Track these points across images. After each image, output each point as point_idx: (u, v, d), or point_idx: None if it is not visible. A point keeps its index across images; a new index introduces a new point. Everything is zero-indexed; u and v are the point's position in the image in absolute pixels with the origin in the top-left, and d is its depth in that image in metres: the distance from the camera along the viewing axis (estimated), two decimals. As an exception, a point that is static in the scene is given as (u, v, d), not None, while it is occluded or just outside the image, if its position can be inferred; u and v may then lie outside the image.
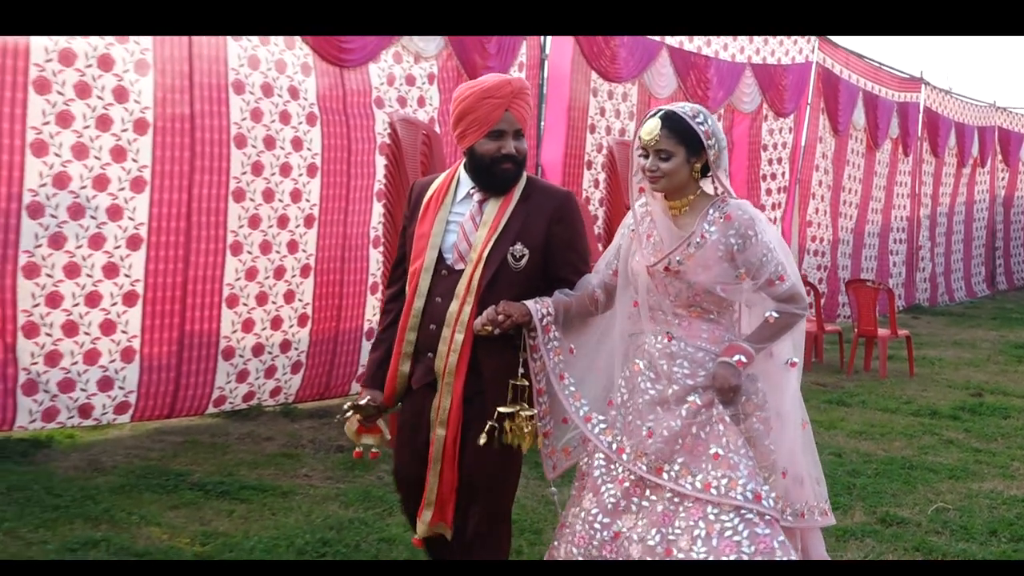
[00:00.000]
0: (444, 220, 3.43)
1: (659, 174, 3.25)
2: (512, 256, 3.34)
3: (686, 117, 3.24)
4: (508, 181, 3.39)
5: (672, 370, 3.29)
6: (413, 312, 3.41)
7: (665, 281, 3.30)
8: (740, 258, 3.24)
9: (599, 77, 9.18)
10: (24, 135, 5.69)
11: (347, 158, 7.15)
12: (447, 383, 3.33)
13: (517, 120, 3.37)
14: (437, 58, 7.69)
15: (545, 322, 3.31)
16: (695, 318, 3.32)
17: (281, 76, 6.78)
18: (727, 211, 3.27)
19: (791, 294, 3.27)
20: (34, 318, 5.84)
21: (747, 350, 3.25)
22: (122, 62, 6.01)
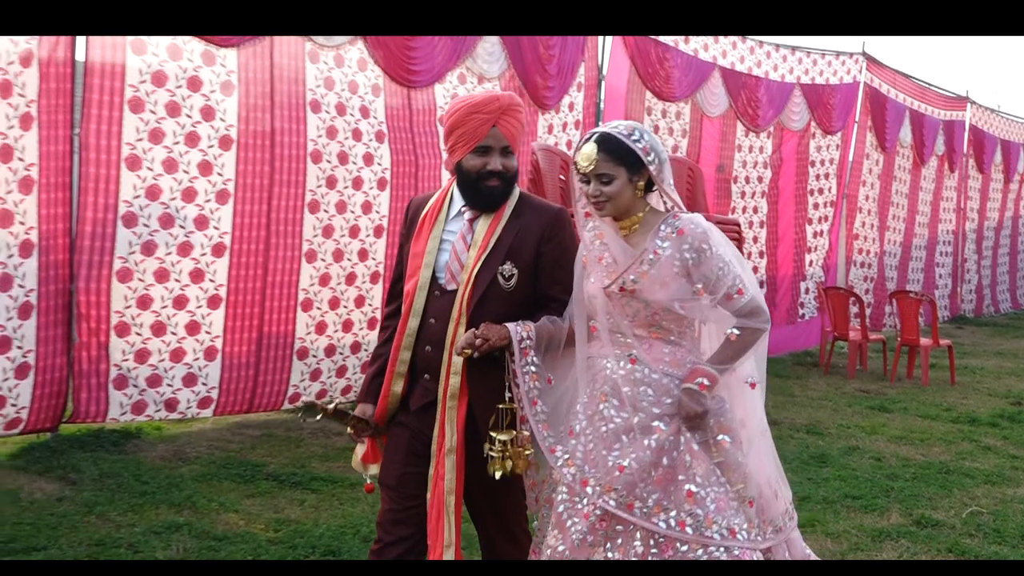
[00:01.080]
0: (438, 238, 3.20)
1: (603, 198, 3.01)
2: (502, 276, 3.13)
3: (621, 137, 2.99)
4: (495, 198, 3.15)
5: (637, 397, 3.02)
6: (407, 332, 3.18)
7: (622, 302, 3.05)
8: (696, 273, 2.99)
9: (653, 96, 9.23)
10: (120, 151, 5.90)
11: (414, 172, 7.27)
12: (450, 407, 3.10)
13: (505, 137, 3.12)
14: (500, 79, 7.79)
15: (524, 345, 3.07)
16: (656, 340, 3.06)
17: (353, 96, 6.93)
18: (679, 225, 3.03)
19: (751, 308, 3.02)
20: (126, 318, 6.04)
21: (710, 372, 2.99)
22: (209, 83, 6.20)
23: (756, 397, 3.14)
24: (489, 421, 3.06)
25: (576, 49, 8.38)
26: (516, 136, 3.16)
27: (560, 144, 8.32)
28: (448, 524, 3.08)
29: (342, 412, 3.19)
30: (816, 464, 6.43)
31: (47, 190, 5.63)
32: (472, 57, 7.55)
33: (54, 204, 5.68)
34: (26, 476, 5.37)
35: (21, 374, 5.62)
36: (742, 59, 10.15)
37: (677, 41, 9.36)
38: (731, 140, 10.16)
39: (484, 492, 3.15)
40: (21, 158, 5.48)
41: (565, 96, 8.35)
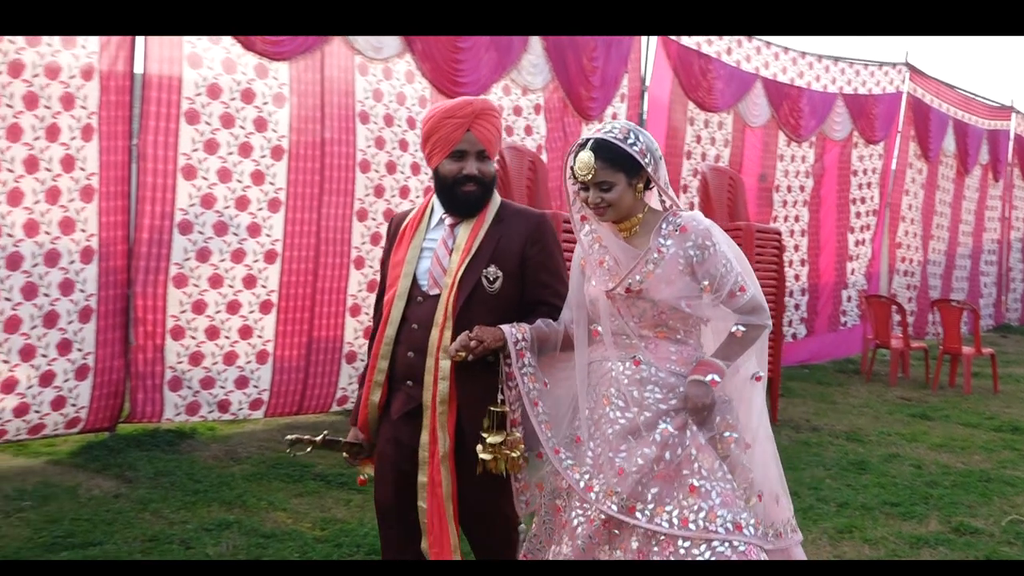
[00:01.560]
0: (418, 247, 3.14)
1: (604, 205, 2.93)
2: (486, 279, 3.04)
3: (618, 143, 2.89)
4: (471, 203, 3.08)
5: (643, 396, 2.94)
6: (385, 340, 3.09)
7: (628, 303, 2.97)
8: (700, 270, 2.92)
9: (696, 107, 9.20)
10: (176, 161, 6.00)
11: (460, 182, 7.31)
12: (441, 412, 2.99)
13: (480, 141, 3.05)
14: (544, 90, 7.82)
15: (519, 347, 2.97)
16: (662, 339, 2.98)
17: (401, 108, 6.99)
18: (681, 223, 2.94)
19: (753, 305, 2.95)
20: (181, 323, 6.14)
21: (719, 367, 2.91)
22: (262, 95, 6.29)
23: (759, 396, 3.05)
24: (480, 423, 2.95)
25: (619, 60, 8.38)
26: (492, 140, 3.09)
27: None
28: (452, 529, 3.00)
29: (332, 441, 3.14)
30: (855, 471, 6.36)
31: (107, 198, 5.74)
32: (517, 69, 7.58)
33: (113, 212, 5.80)
34: (85, 473, 5.48)
35: (81, 375, 5.73)
36: (784, 70, 10.09)
37: (720, 52, 9.33)
38: (773, 150, 10.09)
39: (475, 496, 3.03)
40: (83, 168, 5.60)
41: (608, 107, 8.35)
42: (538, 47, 7.70)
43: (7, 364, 5.39)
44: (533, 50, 7.67)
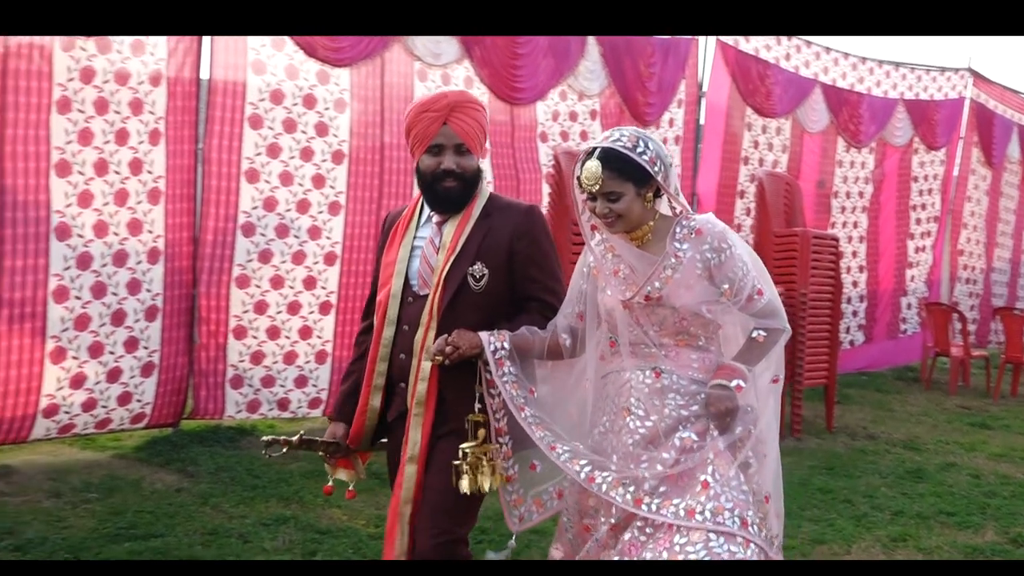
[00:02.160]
0: (409, 245, 3.05)
1: (612, 216, 2.80)
2: (472, 277, 2.93)
3: (626, 152, 2.75)
4: (452, 199, 2.98)
5: (664, 404, 2.80)
6: (383, 342, 3.01)
7: (647, 311, 2.83)
8: (719, 273, 2.79)
9: (754, 113, 9.12)
10: (239, 164, 6.11)
11: (516, 186, 7.34)
12: (416, 415, 2.91)
13: (457, 134, 2.94)
14: (600, 95, 7.81)
15: (498, 356, 2.85)
16: (683, 347, 2.85)
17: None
18: (696, 226, 2.83)
19: (771, 309, 2.85)
20: (243, 322, 6.25)
21: (743, 372, 2.79)
22: (323, 101, 6.38)
23: (775, 401, 2.93)
24: (458, 429, 2.85)
25: (677, 66, 8.34)
26: (471, 134, 2.97)
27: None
28: (401, 533, 2.89)
29: (308, 441, 3.03)
30: (912, 479, 6.25)
31: (173, 201, 5.86)
32: (574, 75, 7.59)
33: (179, 214, 5.92)
34: (148, 467, 5.60)
35: (147, 372, 5.86)
36: (844, 75, 9.95)
37: (778, 58, 9.23)
38: (832, 156, 9.95)
39: (433, 506, 2.87)
40: (150, 171, 5.73)
41: (665, 112, 8.32)
42: (595, 53, 7.70)
43: (76, 360, 5.53)
44: (590, 56, 7.67)
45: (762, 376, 2.90)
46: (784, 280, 7.48)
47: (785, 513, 2.92)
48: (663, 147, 2.84)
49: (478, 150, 3.01)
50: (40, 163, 5.27)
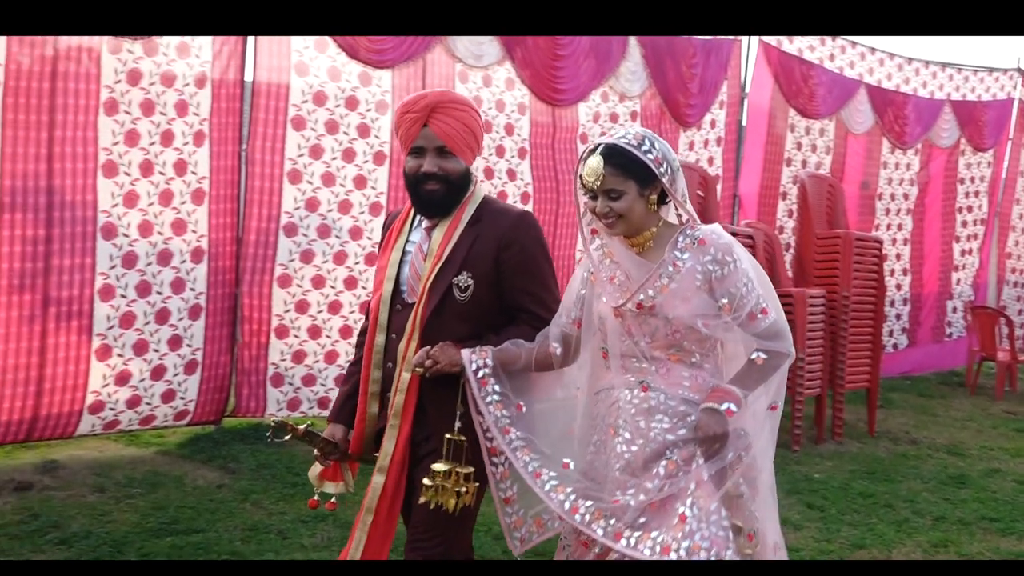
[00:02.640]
0: (400, 250, 2.96)
1: (612, 216, 2.66)
2: (457, 287, 2.82)
3: (630, 148, 2.62)
4: (434, 203, 2.88)
5: (650, 426, 2.64)
6: (375, 349, 2.92)
7: (639, 320, 2.67)
8: (720, 287, 2.63)
9: (797, 114, 9.03)
10: (283, 165, 6.17)
11: (555, 187, 7.34)
12: (392, 426, 2.83)
13: (438, 136, 2.84)
14: (641, 97, 7.78)
15: (481, 375, 2.72)
16: (675, 363, 2.69)
17: (500, 115, 7.03)
18: (699, 236, 2.67)
19: (776, 330, 2.66)
20: (285, 321, 6.30)
21: (737, 396, 2.60)
22: (365, 102, 6.41)
23: (771, 428, 2.75)
24: (437, 442, 2.77)
25: (719, 67, 8.29)
26: (454, 135, 2.86)
27: (701, 161, 8.25)
28: (357, 542, 2.86)
29: (312, 434, 2.95)
30: (954, 484, 6.16)
31: (217, 201, 5.93)
32: (615, 76, 7.57)
33: (223, 214, 5.99)
34: (191, 464, 5.67)
35: (190, 370, 5.93)
36: (889, 76, 9.82)
37: (822, 59, 9.14)
38: (876, 157, 9.83)
39: (418, 522, 2.83)
40: (194, 171, 5.80)
41: (707, 113, 8.26)
42: (636, 54, 7.67)
43: (121, 358, 5.61)
44: (632, 57, 7.64)
45: (758, 400, 2.71)
46: (826, 282, 7.41)
47: (826, 517, 2.86)
48: (672, 151, 2.72)
49: (464, 152, 2.91)
50: (88, 164, 5.35)
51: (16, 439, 5.34)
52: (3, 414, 5.18)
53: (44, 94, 5.17)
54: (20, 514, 4.66)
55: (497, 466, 2.78)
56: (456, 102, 2.91)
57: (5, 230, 5.10)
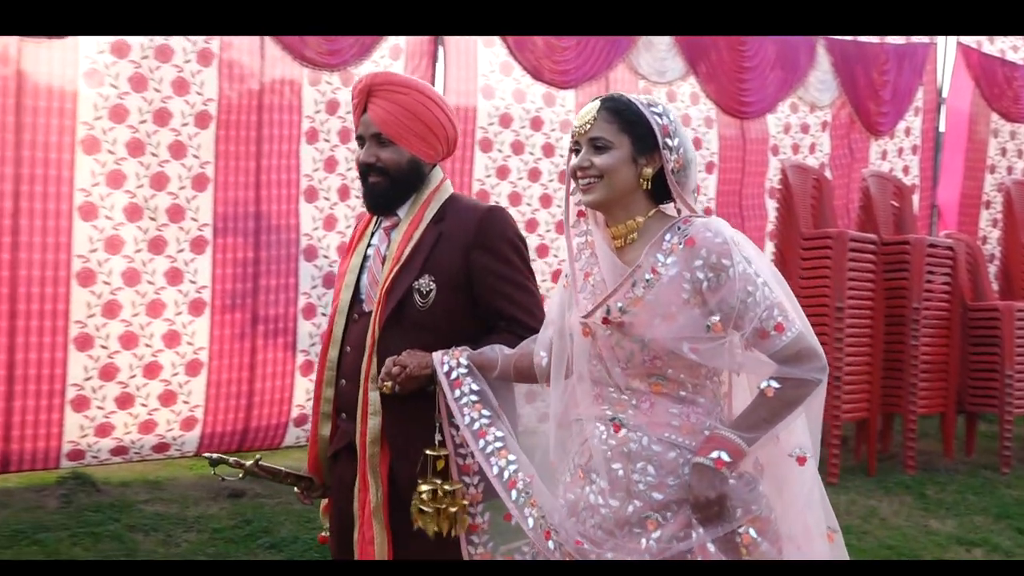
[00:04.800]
0: (362, 253, 2.64)
1: (592, 173, 2.12)
2: (418, 292, 2.47)
3: (636, 101, 2.16)
4: (375, 197, 2.58)
5: (631, 478, 2.09)
6: (328, 364, 2.59)
7: (610, 340, 2.11)
8: (713, 299, 2.04)
9: (1000, 118, 8.58)
10: (471, 186, 6.32)
11: (738, 202, 7.24)
12: (372, 454, 2.45)
13: (374, 122, 2.53)
14: (831, 106, 7.58)
15: (454, 376, 2.31)
16: (660, 396, 2.10)
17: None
18: (689, 233, 2.08)
19: (798, 350, 2.04)
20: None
21: (732, 443, 2.02)
22: (549, 123, 6.51)
23: (806, 484, 2.13)
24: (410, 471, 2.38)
25: (913, 72, 7.97)
26: (391, 121, 2.53)
27: (896, 171, 7.95)
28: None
29: (271, 469, 2.66)
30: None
31: (410, 223, 6.15)
32: (804, 86, 7.40)
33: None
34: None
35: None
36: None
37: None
38: (1091, 161, 9.21)
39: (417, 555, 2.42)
40: (388, 194, 6.03)
41: (900, 121, 7.96)
42: (825, 62, 7.48)
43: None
44: (820, 66, 7.46)
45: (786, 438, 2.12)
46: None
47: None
48: (688, 138, 2.26)
49: (407, 140, 2.55)
50: (291, 190, 5.66)
51: (229, 448, 5.67)
52: (218, 425, 5.52)
53: (252, 126, 5.51)
54: (234, 519, 4.96)
55: (468, 487, 2.35)
56: (396, 83, 2.58)
57: (219, 253, 5.45)
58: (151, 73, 5.16)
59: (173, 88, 5.23)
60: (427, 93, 2.62)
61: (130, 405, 5.25)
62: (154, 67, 5.16)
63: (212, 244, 5.41)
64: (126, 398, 5.23)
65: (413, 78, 2.74)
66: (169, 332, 5.31)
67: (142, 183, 5.16)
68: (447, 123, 2.63)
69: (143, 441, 5.30)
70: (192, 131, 5.30)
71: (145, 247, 5.21)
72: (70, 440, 5.08)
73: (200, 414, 5.41)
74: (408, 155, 2.56)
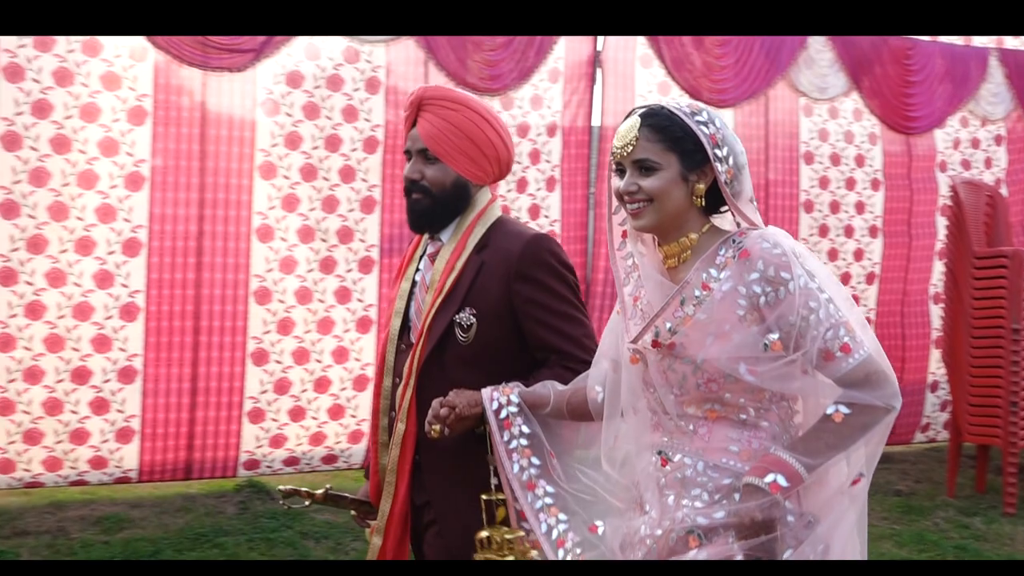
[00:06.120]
0: (411, 278, 2.53)
1: (641, 197, 1.94)
2: (459, 327, 2.35)
3: (679, 112, 1.95)
4: (415, 216, 2.47)
5: (681, 503, 1.92)
6: (383, 393, 2.50)
7: (662, 365, 1.95)
8: (771, 316, 1.86)
9: None
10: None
11: (907, 220, 6.98)
12: (388, 482, 2.41)
13: (421, 137, 2.41)
14: (1006, 120, 7.23)
15: (504, 415, 2.15)
16: (717, 422, 1.93)
17: (849, 146, 6.82)
18: (744, 245, 1.91)
19: (867, 373, 1.84)
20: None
21: (790, 467, 1.82)
22: (708, 142, 6.46)
23: (854, 510, 1.93)
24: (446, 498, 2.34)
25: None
26: (438, 137, 2.41)
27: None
28: None
29: (336, 496, 2.60)
30: None
31: (567, 243, 6.19)
32: (975, 99, 7.09)
33: (574, 255, 6.24)
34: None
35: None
36: None
37: None
38: None
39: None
40: (547, 215, 6.11)
41: (1085, 133, 7.53)
42: (998, 74, 7.14)
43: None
44: (993, 78, 7.13)
45: (834, 471, 1.92)
46: None
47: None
48: (737, 141, 2.04)
49: (453, 158, 2.44)
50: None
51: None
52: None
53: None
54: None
55: (529, 532, 2.16)
56: (447, 99, 2.47)
57: (384, 273, 5.59)
58: (323, 102, 5.40)
59: (343, 115, 5.46)
60: (479, 111, 2.48)
61: (302, 418, 5.47)
62: (325, 96, 5.40)
63: (379, 264, 5.60)
64: (298, 411, 5.46)
65: (467, 95, 2.61)
66: (338, 348, 5.52)
67: (314, 206, 5.39)
68: (499, 144, 2.49)
69: (313, 452, 5.53)
70: (360, 156, 5.51)
71: (316, 267, 5.44)
72: (246, 450, 5.35)
73: (366, 428, 5.54)
74: (454, 174, 2.45)
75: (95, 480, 5.13)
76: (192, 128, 5.14)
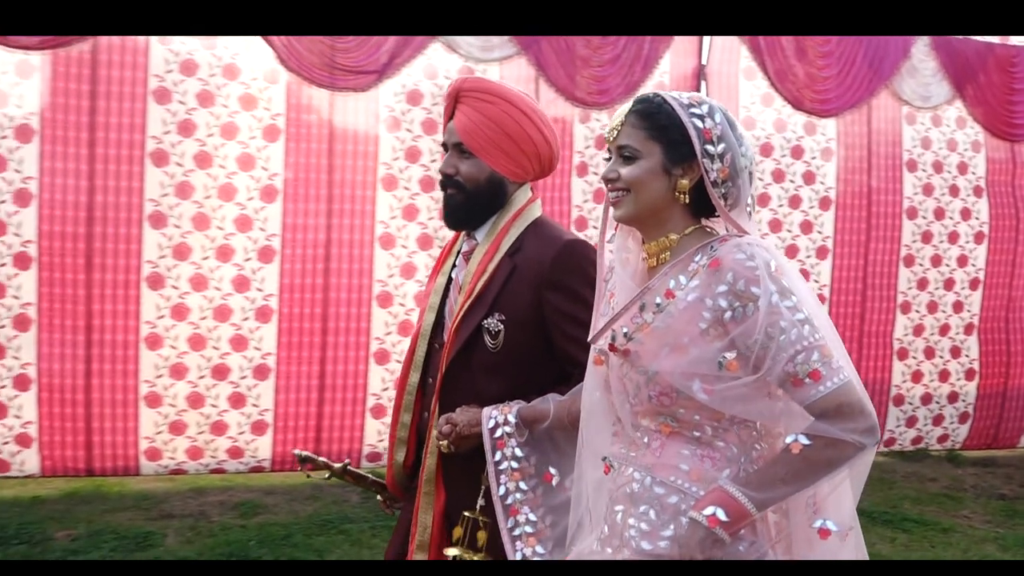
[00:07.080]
0: (447, 275, 2.41)
1: (620, 185, 1.80)
2: (488, 332, 2.22)
3: (671, 101, 1.80)
4: (451, 213, 2.35)
5: (627, 523, 1.79)
6: (408, 388, 2.38)
7: (620, 371, 1.81)
8: (734, 332, 1.69)
9: None
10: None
11: (1015, 226, 6.94)
12: (426, 492, 2.29)
13: (457, 130, 2.29)
14: (1115, 126, 7.13)
15: (499, 434, 2.08)
16: (670, 437, 1.78)
17: (952, 154, 6.81)
18: (716, 254, 1.74)
19: (838, 404, 1.66)
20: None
21: (734, 501, 1.66)
22: (810, 150, 6.54)
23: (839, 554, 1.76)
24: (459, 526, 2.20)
25: None
26: (473, 131, 2.29)
27: None
28: None
29: (357, 474, 2.53)
30: None
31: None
32: (1083, 106, 7.02)
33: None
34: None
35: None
36: None
37: None
38: None
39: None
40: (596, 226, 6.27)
41: None
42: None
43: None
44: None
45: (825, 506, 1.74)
46: None
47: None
48: (744, 140, 1.87)
49: (489, 153, 2.30)
50: (562, 220, 5.99)
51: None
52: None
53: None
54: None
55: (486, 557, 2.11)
56: (484, 91, 2.32)
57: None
58: (440, 118, 5.67)
59: (459, 130, 5.71)
60: (518, 104, 2.32)
61: (417, 414, 5.73)
62: (442, 112, 5.65)
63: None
64: (414, 408, 5.72)
65: (507, 86, 2.41)
66: (446, 349, 5.76)
67: (432, 215, 5.67)
68: (539, 140, 2.33)
69: (429, 447, 5.77)
70: (475, 168, 5.76)
71: (433, 273, 5.70)
72: (369, 443, 5.66)
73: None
74: (489, 170, 2.32)
75: (232, 468, 5.51)
76: (321, 144, 5.48)
